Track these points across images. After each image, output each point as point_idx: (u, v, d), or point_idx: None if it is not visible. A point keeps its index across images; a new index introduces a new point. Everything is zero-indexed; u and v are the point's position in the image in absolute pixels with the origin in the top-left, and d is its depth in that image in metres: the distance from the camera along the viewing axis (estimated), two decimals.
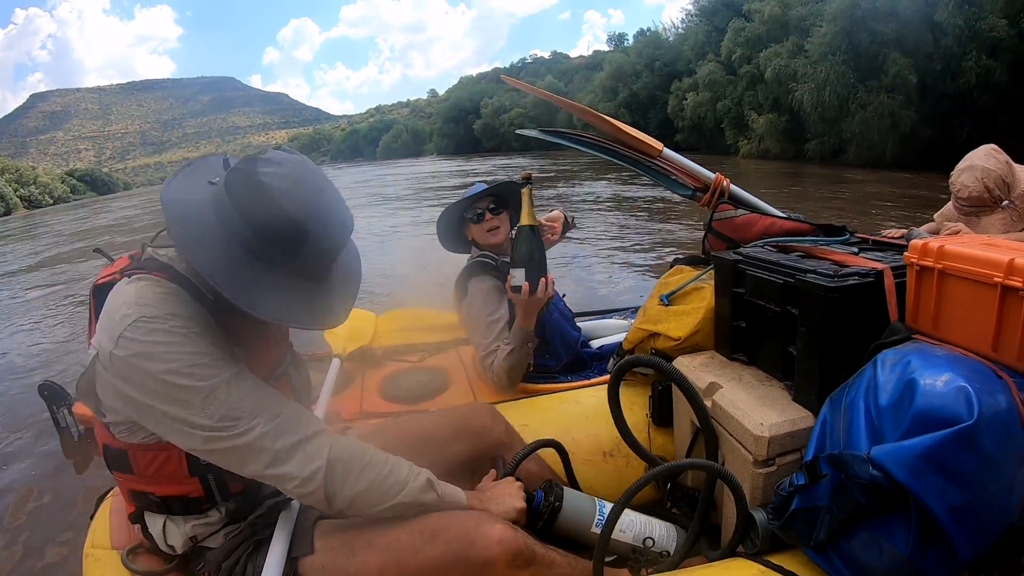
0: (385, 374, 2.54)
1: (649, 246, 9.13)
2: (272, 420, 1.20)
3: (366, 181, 35.35)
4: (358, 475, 1.27)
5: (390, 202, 20.35)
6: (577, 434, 2.02)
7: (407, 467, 1.36)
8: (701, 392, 1.66)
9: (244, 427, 1.16)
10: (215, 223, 1.15)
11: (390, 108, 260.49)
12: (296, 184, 1.15)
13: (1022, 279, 1.09)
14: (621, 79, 47.29)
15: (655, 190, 15.41)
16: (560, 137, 2.32)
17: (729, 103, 33.23)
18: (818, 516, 1.26)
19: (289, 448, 1.20)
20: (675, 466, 1.49)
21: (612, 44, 70.85)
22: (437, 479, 1.42)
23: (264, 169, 1.14)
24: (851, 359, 1.37)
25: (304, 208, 1.15)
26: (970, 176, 2.58)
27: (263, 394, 1.23)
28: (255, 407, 1.19)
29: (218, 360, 1.18)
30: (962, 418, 1.05)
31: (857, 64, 21.86)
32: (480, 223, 2.39)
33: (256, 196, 1.13)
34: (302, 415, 1.27)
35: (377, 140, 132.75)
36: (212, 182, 1.23)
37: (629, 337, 2.09)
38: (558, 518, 1.62)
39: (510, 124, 73.97)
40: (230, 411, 1.16)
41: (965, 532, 1.07)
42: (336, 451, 1.25)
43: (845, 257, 1.56)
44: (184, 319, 1.16)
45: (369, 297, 6.09)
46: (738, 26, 32.42)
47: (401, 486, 1.32)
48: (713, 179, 2.20)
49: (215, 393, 1.15)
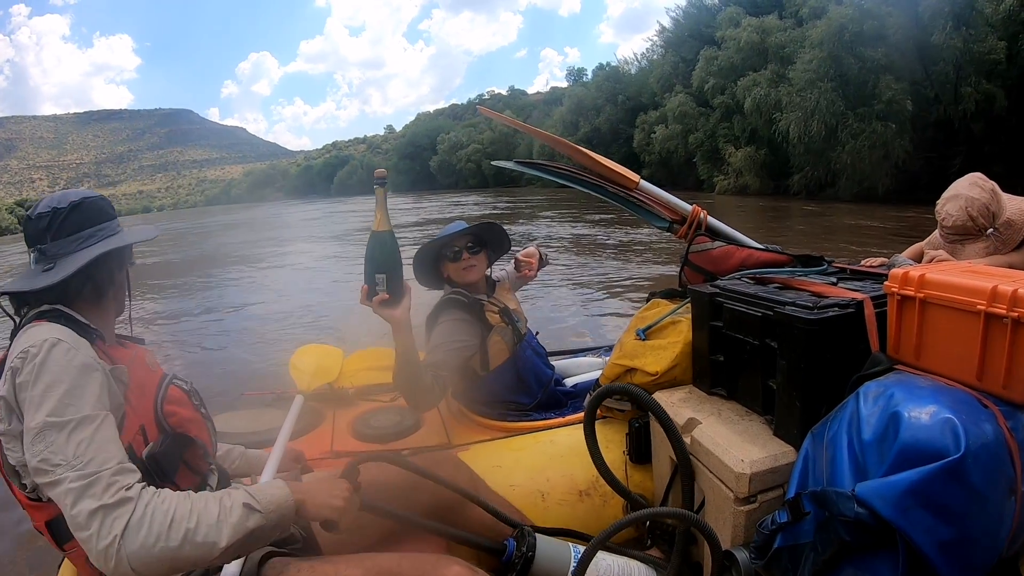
0: (356, 413, 2.48)
1: (621, 281, 9.17)
2: (84, 479, 1.11)
3: (313, 219, 35.11)
4: (165, 538, 1.13)
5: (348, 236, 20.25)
6: (552, 474, 1.98)
7: (216, 505, 1.22)
8: (679, 428, 1.62)
9: (58, 476, 1.12)
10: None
11: (347, 144, 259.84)
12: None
13: (1006, 306, 1.08)
14: (582, 113, 47.53)
15: (620, 227, 15.54)
16: (537, 169, 2.31)
17: (702, 135, 32.48)
18: (802, 554, 1.22)
19: (88, 514, 1.10)
20: (645, 514, 1.41)
21: (571, 79, 71.46)
22: (251, 492, 1.29)
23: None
24: (832, 392, 1.34)
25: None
26: (955, 205, 2.60)
27: (97, 448, 1.15)
28: (77, 459, 1.13)
29: (77, 399, 1.18)
30: (949, 451, 1.02)
31: (846, 91, 21.02)
32: (457, 261, 2.36)
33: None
34: (119, 478, 1.15)
35: (332, 176, 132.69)
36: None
37: (606, 373, 2.05)
38: (531, 568, 1.56)
39: (467, 160, 74.22)
40: (52, 455, 1.13)
41: (954, 567, 1.04)
42: (135, 519, 1.12)
43: (824, 288, 1.54)
44: (65, 349, 1.21)
45: (333, 333, 6.04)
46: (710, 55, 31.67)
47: (218, 529, 1.19)
48: (690, 211, 2.19)
49: (45, 434, 1.13)
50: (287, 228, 30.41)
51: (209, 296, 10.91)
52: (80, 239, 1.39)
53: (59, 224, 1.37)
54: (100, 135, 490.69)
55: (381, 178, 1.73)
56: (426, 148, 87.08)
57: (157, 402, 1.39)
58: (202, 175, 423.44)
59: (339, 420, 2.44)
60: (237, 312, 9.30)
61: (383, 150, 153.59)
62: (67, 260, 1.36)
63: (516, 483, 1.93)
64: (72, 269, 1.34)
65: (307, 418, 2.37)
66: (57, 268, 1.35)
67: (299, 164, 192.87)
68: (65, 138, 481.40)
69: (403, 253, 1.71)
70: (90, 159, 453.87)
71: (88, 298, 1.41)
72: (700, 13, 37.86)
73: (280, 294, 10.51)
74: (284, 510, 1.30)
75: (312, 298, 9.80)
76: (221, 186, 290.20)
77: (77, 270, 1.34)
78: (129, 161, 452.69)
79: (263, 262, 15.46)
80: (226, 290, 11.61)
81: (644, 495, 1.91)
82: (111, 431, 1.21)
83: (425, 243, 2.38)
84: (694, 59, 33.70)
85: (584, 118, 46.96)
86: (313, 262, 14.69)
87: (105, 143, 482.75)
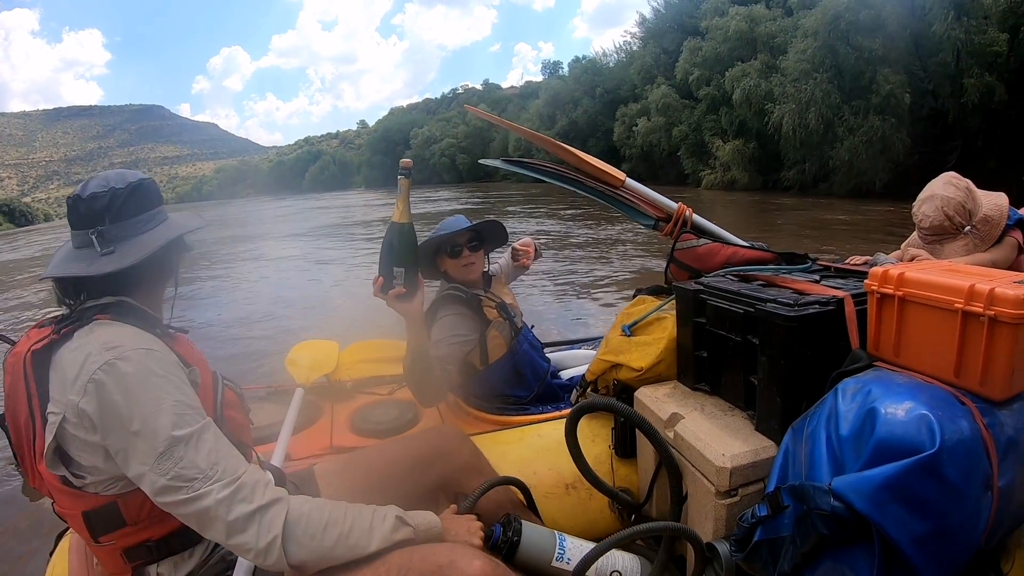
0: (355, 407, 2.49)
1: (602, 277, 9.20)
2: (228, 486, 1.15)
3: (286, 216, 34.76)
4: (320, 537, 1.22)
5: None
6: (539, 467, 2.00)
7: (369, 513, 1.31)
8: (663, 423, 1.65)
9: (198, 490, 1.13)
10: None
11: (319, 139, 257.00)
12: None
13: (983, 304, 1.09)
14: (559, 106, 46.99)
15: (593, 221, 15.46)
16: (522, 167, 2.31)
17: (686, 128, 31.65)
18: (781, 547, 1.24)
19: (244, 518, 1.15)
20: (635, 532, 1.43)
21: (547, 72, 70.34)
22: (405, 512, 1.37)
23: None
24: (813, 388, 1.36)
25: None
26: (931, 206, 2.63)
27: (223, 454, 1.19)
28: (212, 469, 1.16)
29: (189, 408, 1.18)
30: (924, 447, 1.04)
31: (841, 83, 20.43)
32: (457, 258, 2.38)
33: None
34: (258, 479, 1.22)
35: (304, 172, 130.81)
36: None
37: (592, 368, 2.07)
38: (517, 552, 1.59)
39: (441, 155, 74.25)
40: (185, 470, 1.13)
41: (930, 561, 1.05)
42: (293, 517, 1.20)
43: (806, 285, 1.56)
44: (158, 358, 1.19)
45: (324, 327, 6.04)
46: (694, 45, 30.86)
47: (369, 535, 1.27)
48: (676, 209, 2.20)
49: (172, 450, 1.13)
50: (260, 224, 30.22)
51: (193, 292, 10.85)
52: (140, 223, 1.33)
53: (120, 205, 1.30)
54: (70, 132, 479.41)
55: (406, 168, 1.66)
56: (399, 143, 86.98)
57: (217, 406, 1.38)
58: (173, 172, 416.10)
59: (338, 414, 2.45)
60: (222, 309, 9.28)
61: (356, 145, 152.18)
62: (129, 244, 1.30)
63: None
64: (142, 255, 1.28)
65: (305, 412, 2.38)
66: (119, 253, 1.28)
67: (271, 160, 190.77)
68: (34, 135, 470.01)
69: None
70: (59, 157, 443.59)
71: (147, 287, 1.38)
72: (683, 3, 37.19)
73: (262, 290, 10.54)
74: (432, 535, 1.39)
75: (295, 294, 9.82)
76: (192, 183, 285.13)
77: (148, 256, 1.29)
78: (99, 159, 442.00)
79: (237, 260, 15.37)
80: (206, 286, 11.54)
81: (629, 489, 1.93)
82: (218, 430, 1.24)
83: (428, 237, 2.38)
84: (676, 50, 33.02)
85: (561, 111, 46.35)
86: (296, 257, 14.69)
87: (75, 140, 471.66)
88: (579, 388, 2.19)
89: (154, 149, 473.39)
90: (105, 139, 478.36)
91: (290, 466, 1.82)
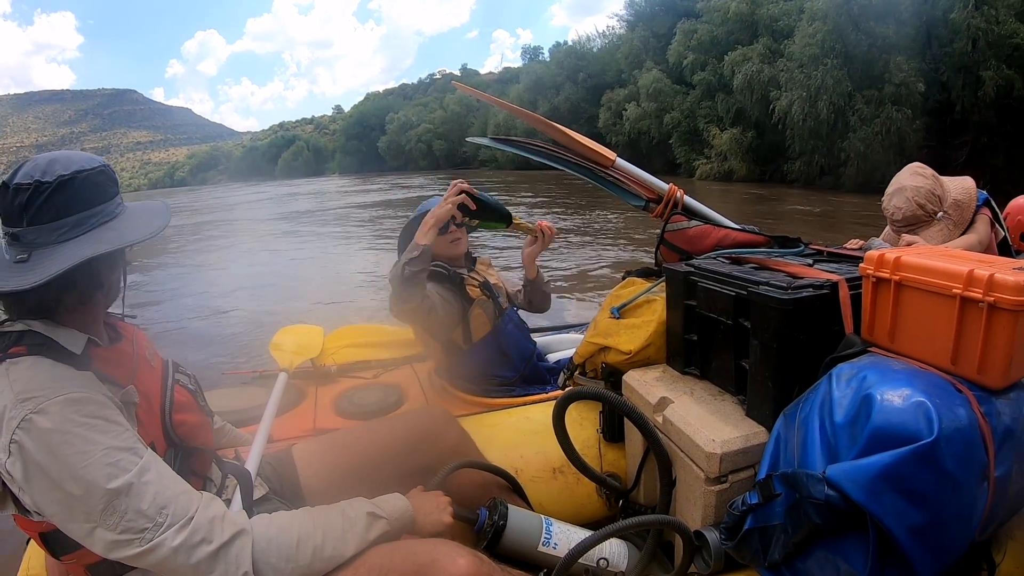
0: (339, 391, 2.48)
1: (601, 258, 9.17)
2: (182, 531, 1.06)
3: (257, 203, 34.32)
4: (295, 558, 1.15)
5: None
6: (526, 451, 1.97)
7: (338, 516, 1.25)
8: (652, 407, 1.62)
9: (151, 540, 1.04)
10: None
11: (294, 125, 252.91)
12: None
13: (982, 290, 1.07)
14: (540, 91, 46.04)
15: (578, 209, 15.37)
16: (512, 145, 2.28)
17: (679, 115, 30.34)
18: (772, 536, 1.22)
19: (208, 559, 1.07)
20: (623, 527, 1.40)
21: (526, 58, 68.51)
22: (374, 501, 1.33)
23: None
24: (805, 373, 1.34)
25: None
26: (901, 197, 2.67)
27: (170, 493, 1.09)
28: (161, 514, 1.06)
29: (122, 451, 1.06)
30: (922, 435, 1.02)
31: (851, 70, 19.41)
32: (444, 234, 2.36)
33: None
34: (214, 515, 1.12)
35: (278, 157, 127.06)
36: None
37: (580, 351, 2.05)
38: (502, 537, 1.57)
39: (417, 140, 72.81)
40: (132, 522, 1.03)
41: (925, 552, 1.04)
42: (261, 546, 1.12)
43: (799, 269, 1.53)
44: (78, 405, 1.05)
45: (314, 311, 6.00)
46: (688, 28, 29.46)
47: (344, 542, 1.22)
48: (667, 190, 2.17)
49: (114, 504, 1.03)
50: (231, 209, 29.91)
51: (170, 277, 10.75)
52: (63, 228, 1.11)
53: (40, 204, 1.09)
54: (41, 117, 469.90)
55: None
56: (374, 128, 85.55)
57: (165, 414, 1.27)
58: (146, 157, 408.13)
59: (321, 397, 2.43)
60: (201, 294, 9.21)
61: (331, 131, 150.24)
62: (44, 254, 1.09)
63: (490, 459, 1.93)
64: (48, 274, 1.05)
65: (289, 396, 2.35)
66: (32, 262, 1.08)
67: (244, 145, 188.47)
68: (5, 121, 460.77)
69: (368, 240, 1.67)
70: (31, 142, 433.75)
71: (72, 303, 1.18)
72: None
73: (242, 276, 10.44)
74: (405, 520, 1.34)
75: (278, 279, 9.78)
76: (165, 169, 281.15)
77: (56, 275, 1.06)
78: (71, 144, 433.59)
79: (214, 248, 15.21)
80: (183, 271, 11.45)
81: (617, 473, 1.91)
82: (162, 462, 1.14)
83: (414, 215, 2.41)
84: (668, 33, 31.77)
85: (543, 96, 45.52)
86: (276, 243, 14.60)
87: (47, 125, 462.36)
88: (567, 371, 2.16)
89: (126, 134, 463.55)
90: (77, 124, 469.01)
91: (271, 447, 1.79)
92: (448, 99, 73.48)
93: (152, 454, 1.12)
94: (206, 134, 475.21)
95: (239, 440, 1.77)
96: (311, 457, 1.64)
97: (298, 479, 1.58)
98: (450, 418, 1.86)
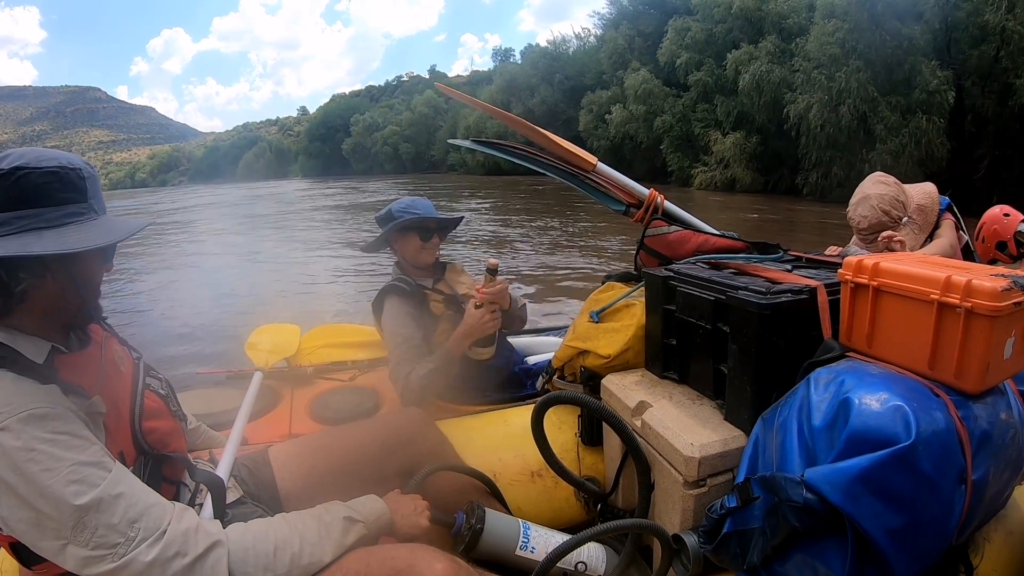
0: (315, 394, 2.44)
1: (579, 264, 9.19)
2: (155, 545, 1.03)
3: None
4: (273, 566, 1.13)
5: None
6: (504, 455, 1.96)
7: (314, 522, 1.23)
8: (630, 411, 1.62)
9: (123, 556, 1.01)
10: None
11: (258, 126, 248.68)
12: None
13: (960, 295, 1.08)
14: (514, 93, 44.02)
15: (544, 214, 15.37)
16: (492, 148, 2.27)
17: (671, 119, 27.87)
18: (751, 539, 1.22)
19: (183, 572, 1.04)
20: (600, 530, 1.39)
21: (497, 60, 66.14)
22: (350, 504, 1.32)
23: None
24: (784, 377, 1.34)
25: None
26: (866, 206, 2.71)
27: (141, 506, 1.06)
28: (133, 528, 1.03)
29: (89, 466, 1.03)
30: (899, 439, 1.02)
31: (873, 73, 17.47)
32: (426, 241, 2.37)
33: None
34: (188, 527, 1.09)
35: (239, 159, 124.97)
36: None
37: (558, 355, 2.04)
38: (480, 541, 1.56)
39: (383, 143, 71.60)
40: (103, 537, 1.01)
41: (903, 555, 1.04)
42: (237, 556, 1.10)
43: (778, 274, 1.54)
44: (41, 421, 1.01)
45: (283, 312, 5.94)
46: (681, 25, 27.25)
47: (321, 547, 1.20)
48: (647, 195, 2.17)
49: (84, 520, 1.00)
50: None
51: (140, 279, 10.63)
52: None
53: None
54: (2, 115, 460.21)
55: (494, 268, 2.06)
56: (339, 130, 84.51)
57: (135, 422, 1.24)
58: (108, 157, 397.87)
59: (297, 400, 2.39)
60: (169, 296, 9.06)
61: (295, 132, 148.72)
62: None
63: (468, 463, 1.91)
64: None
65: (264, 398, 2.31)
66: None
67: (207, 145, 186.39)
68: None
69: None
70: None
71: (26, 308, 1.12)
72: None
73: (215, 278, 10.33)
74: (382, 523, 1.33)
75: (251, 279, 9.69)
76: (127, 169, 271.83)
77: None
78: (32, 142, 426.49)
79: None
80: (152, 274, 11.30)
81: (596, 477, 1.91)
82: (131, 475, 1.10)
83: (399, 215, 2.36)
84: (656, 32, 29.77)
85: (516, 98, 43.55)
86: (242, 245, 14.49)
87: (6, 123, 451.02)
88: (545, 374, 2.15)
89: (88, 133, 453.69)
90: (39, 122, 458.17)
91: (246, 449, 1.76)
92: (416, 101, 72.40)
93: (121, 467, 1.09)
94: (170, 134, 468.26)
95: (214, 441, 1.74)
96: (287, 459, 1.61)
97: (274, 481, 1.56)
98: (428, 421, 1.85)
